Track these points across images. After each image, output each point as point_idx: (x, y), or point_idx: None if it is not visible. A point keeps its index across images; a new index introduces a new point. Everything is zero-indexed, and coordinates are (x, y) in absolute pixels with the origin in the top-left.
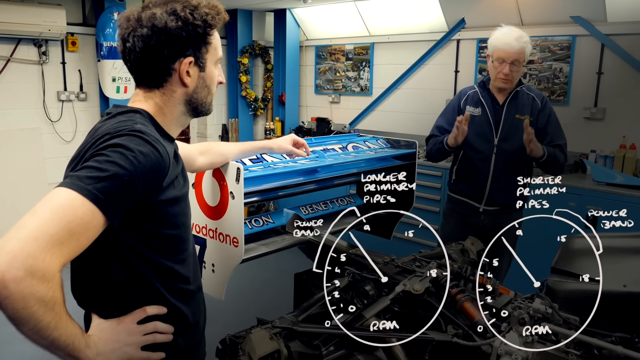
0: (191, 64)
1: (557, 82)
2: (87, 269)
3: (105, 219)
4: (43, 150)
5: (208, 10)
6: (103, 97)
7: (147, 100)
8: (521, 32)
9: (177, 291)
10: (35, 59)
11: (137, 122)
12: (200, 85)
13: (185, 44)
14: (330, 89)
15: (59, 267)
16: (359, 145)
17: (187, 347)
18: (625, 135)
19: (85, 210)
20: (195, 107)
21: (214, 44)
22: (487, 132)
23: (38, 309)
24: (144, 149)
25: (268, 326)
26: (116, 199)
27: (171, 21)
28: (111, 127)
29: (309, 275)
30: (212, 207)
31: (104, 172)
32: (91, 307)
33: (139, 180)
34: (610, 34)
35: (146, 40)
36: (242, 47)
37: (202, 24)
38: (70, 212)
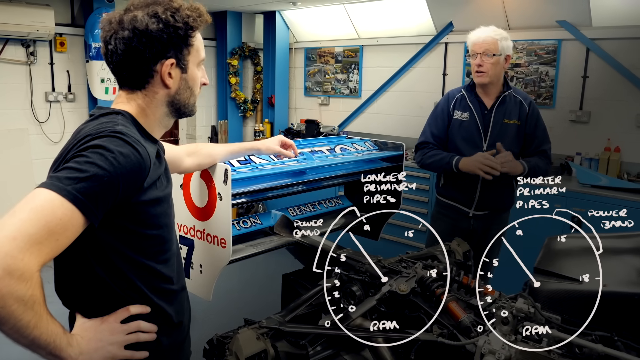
0: (173, 65)
1: (544, 85)
2: (71, 268)
3: (85, 219)
4: (30, 151)
5: (190, 12)
6: (91, 98)
7: (130, 101)
8: (496, 28)
9: (160, 291)
10: (23, 60)
11: (118, 124)
12: (182, 86)
13: (166, 46)
14: (320, 91)
15: (37, 266)
16: (347, 147)
17: (171, 346)
18: (610, 138)
19: (64, 210)
20: (178, 108)
21: (196, 46)
22: (476, 137)
23: (17, 308)
24: (124, 150)
25: (255, 326)
26: (95, 200)
27: (152, 23)
28: (92, 129)
29: (296, 276)
30: (200, 208)
31: (83, 172)
32: (75, 307)
33: (118, 181)
34: (595, 38)
35: (127, 42)
36: (231, 48)
37: (184, 26)
38: (49, 212)
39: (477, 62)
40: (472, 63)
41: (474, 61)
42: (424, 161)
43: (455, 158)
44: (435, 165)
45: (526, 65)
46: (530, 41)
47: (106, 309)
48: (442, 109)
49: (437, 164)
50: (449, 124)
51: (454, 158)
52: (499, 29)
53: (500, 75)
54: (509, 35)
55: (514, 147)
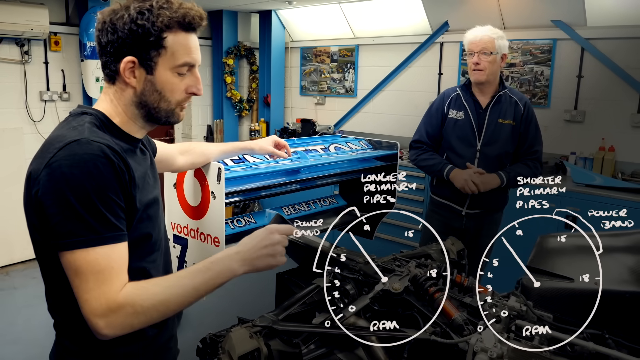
0: (135, 64)
1: (539, 85)
2: (60, 273)
3: (120, 242)
4: (25, 150)
5: (168, 12)
6: (86, 97)
7: (106, 96)
8: (493, 27)
9: None
10: (17, 59)
11: (85, 129)
12: (148, 88)
13: (125, 43)
14: (316, 90)
15: (119, 292)
16: (341, 146)
17: (157, 343)
18: (604, 137)
19: (102, 254)
20: (148, 111)
21: (171, 49)
22: (470, 136)
23: (145, 320)
24: (87, 165)
25: (248, 325)
26: (106, 219)
27: (120, 19)
28: (53, 142)
29: (290, 275)
30: (194, 207)
31: (78, 213)
32: (64, 313)
33: (107, 185)
34: (590, 38)
35: (99, 33)
36: (227, 48)
37: (150, 25)
38: (89, 266)
39: (475, 61)
40: (469, 61)
41: (471, 59)
42: (418, 163)
43: (447, 167)
44: (428, 169)
45: (521, 65)
46: (525, 41)
47: None
48: (437, 107)
49: (430, 169)
50: (443, 123)
51: (446, 167)
52: (495, 28)
53: (497, 73)
54: (504, 34)
55: (508, 147)
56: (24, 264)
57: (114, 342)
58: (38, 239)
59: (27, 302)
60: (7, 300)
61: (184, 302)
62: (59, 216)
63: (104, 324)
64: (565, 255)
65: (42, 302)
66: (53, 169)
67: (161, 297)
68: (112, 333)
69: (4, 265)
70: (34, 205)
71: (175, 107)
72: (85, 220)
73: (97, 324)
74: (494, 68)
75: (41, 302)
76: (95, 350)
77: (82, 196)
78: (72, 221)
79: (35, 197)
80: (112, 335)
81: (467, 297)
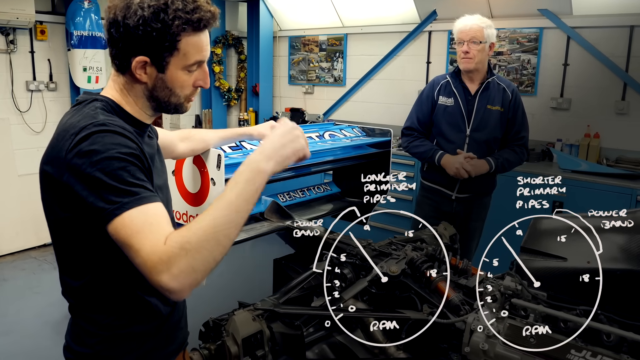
0: (147, 63)
1: (525, 73)
2: (76, 256)
3: (152, 201)
4: (12, 141)
5: (182, 14)
6: (74, 87)
7: (115, 83)
8: (482, 16)
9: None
10: (2, 48)
11: (99, 114)
12: (159, 84)
13: (138, 43)
14: (304, 79)
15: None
16: (336, 133)
17: (170, 322)
18: (589, 124)
19: (141, 212)
20: (159, 103)
21: (184, 50)
22: (460, 122)
23: (203, 257)
24: (105, 142)
25: (250, 308)
26: (134, 184)
27: (133, 16)
28: (76, 123)
29: (287, 260)
30: (193, 194)
31: (108, 185)
32: (78, 296)
33: (129, 156)
34: (575, 26)
35: (109, 27)
36: (215, 37)
37: (165, 29)
38: (144, 215)
39: (464, 49)
40: (458, 50)
41: (461, 48)
42: (410, 149)
43: (439, 154)
44: (420, 156)
45: (508, 53)
46: (512, 29)
47: (104, 291)
48: (427, 94)
49: (422, 156)
50: (433, 109)
51: (437, 153)
52: (484, 17)
53: (485, 61)
54: (492, 23)
55: (497, 133)
56: (12, 256)
57: (129, 321)
58: (60, 220)
59: (18, 293)
60: None
61: (230, 222)
62: (92, 194)
63: (167, 278)
64: (557, 236)
65: (32, 293)
66: (74, 153)
67: (205, 227)
68: (179, 285)
69: None
70: (62, 190)
71: (184, 101)
72: (115, 189)
73: (161, 281)
74: (483, 56)
75: (31, 293)
76: (110, 330)
77: (106, 168)
78: (104, 193)
79: (63, 182)
80: (181, 288)
81: (463, 279)
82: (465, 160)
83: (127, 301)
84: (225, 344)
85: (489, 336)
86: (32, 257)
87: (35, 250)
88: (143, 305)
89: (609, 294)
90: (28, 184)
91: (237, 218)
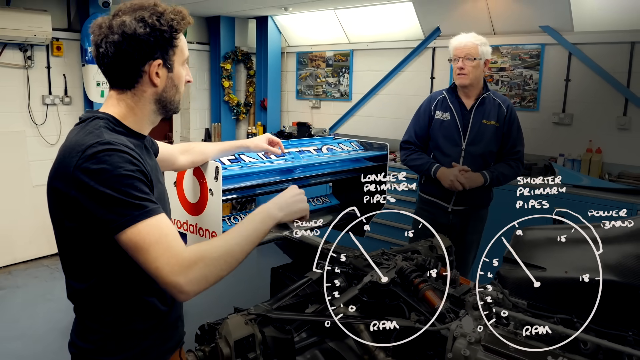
0: (160, 65)
1: (528, 88)
2: (81, 263)
3: (161, 213)
4: (27, 152)
5: (173, 16)
6: (87, 101)
7: (119, 102)
8: (477, 34)
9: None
10: (20, 64)
11: (102, 132)
12: (168, 85)
13: (153, 48)
14: (311, 94)
15: (185, 251)
16: (333, 147)
17: (167, 320)
18: (591, 139)
19: (153, 224)
20: (164, 105)
21: (180, 46)
22: (455, 136)
23: (216, 271)
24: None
25: (244, 313)
26: (141, 198)
27: (140, 28)
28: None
29: (285, 269)
30: (193, 203)
31: (117, 199)
32: (82, 299)
33: (134, 172)
34: (577, 42)
35: (117, 45)
36: (224, 53)
37: (168, 29)
38: (157, 228)
39: (459, 65)
40: (454, 66)
41: (456, 64)
42: (407, 162)
43: (434, 166)
44: (417, 169)
45: (511, 69)
46: (514, 46)
47: (109, 300)
48: (424, 109)
49: (419, 169)
50: (430, 124)
51: (433, 166)
52: (479, 35)
53: (480, 77)
54: (487, 41)
55: (492, 147)
56: (26, 264)
57: (129, 319)
58: (66, 229)
59: (30, 300)
60: (10, 298)
61: (244, 249)
62: (101, 208)
63: (184, 280)
64: (538, 247)
65: (43, 300)
66: (82, 170)
67: (225, 248)
68: (193, 289)
69: (7, 264)
70: (69, 203)
71: (180, 98)
72: (125, 203)
73: (178, 283)
74: (477, 72)
75: (43, 300)
76: (112, 327)
77: (115, 185)
78: (114, 207)
79: (70, 196)
80: (192, 291)
81: (450, 288)
82: (459, 173)
83: (128, 301)
84: (218, 346)
85: (470, 343)
86: (45, 265)
87: (48, 258)
88: (143, 305)
89: (585, 303)
90: (42, 194)
91: (247, 248)
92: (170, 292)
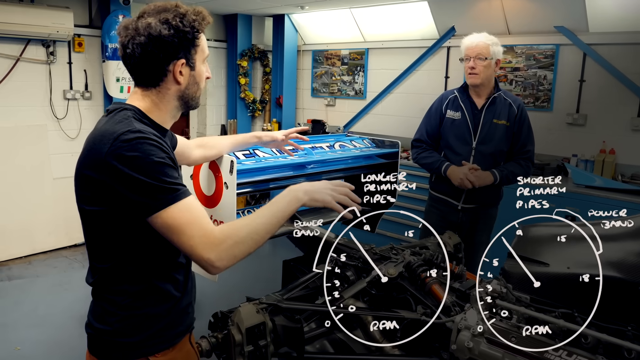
0: (183, 64)
1: (542, 88)
2: (103, 249)
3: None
4: (48, 146)
5: (195, 16)
6: (107, 96)
7: (144, 98)
8: (488, 34)
9: (175, 263)
10: (43, 59)
11: (132, 122)
12: (191, 82)
13: (177, 48)
14: (326, 92)
15: (215, 230)
16: (346, 144)
17: (179, 306)
18: (605, 140)
19: (185, 206)
20: (186, 101)
21: (202, 46)
22: (466, 135)
23: (244, 249)
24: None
25: (255, 302)
26: (172, 182)
27: (164, 29)
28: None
29: (296, 262)
30: (208, 196)
31: (156, 179)
32: (101, 284)
33: (164, 158)
34: (591, 43)
35: (144, 47)
36: (241, 50)
37: (191, 29)
38: (188, 210)
39: (470, 65)
40: (466, 66)
41: (467, 64)
42: (418, 160)
43: (445, 165)
44: (428, 167)
45: (525, 69)
46: (529, 46)
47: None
48: (435, 108)
49: (429, 167)
50: (441, 123)
51: (444, 164)
52: (490, 35)
53: (491, 77)
54: (500, 41)
55: (502, 146)
56: (45, 254)
57: (145, 303)
58: (94, 213)
59: (49, 289)
60: (30, 287)
61: (269, 229)
62: (135, 194)
63: (215, 257)
64: (542, 244)
65: (62, 289)
66: (115, 155)
67: (252, 227)
68: (223, 264)
69: (27, 255)
70: (101, 188)
71: (200, 94)
72: (158, 188)
73: (210, 259)
74: (489, 72)
75: (61, 289)
76: (128, 310)
77: (148, 172)
78: (148, 192)
79: (102, 181)
80: (223, 266)
81: (456, 283)
82: (469, 171)
83: (144, 286)
84: (230, 333)
85: (474, 335)
86: (64, 256)
87: (67, 249)
88: (158, 291)
89: (587, 298)
90: (62, 187)
91: (272, 228)
92: (203, 266)
